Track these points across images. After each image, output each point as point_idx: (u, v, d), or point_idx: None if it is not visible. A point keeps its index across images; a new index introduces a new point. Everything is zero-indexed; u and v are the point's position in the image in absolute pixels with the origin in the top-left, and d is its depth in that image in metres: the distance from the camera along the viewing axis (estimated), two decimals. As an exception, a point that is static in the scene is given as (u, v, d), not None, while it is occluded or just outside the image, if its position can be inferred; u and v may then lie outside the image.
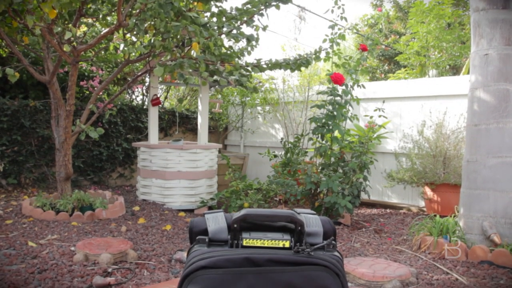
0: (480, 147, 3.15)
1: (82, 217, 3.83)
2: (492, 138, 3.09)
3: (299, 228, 0.98)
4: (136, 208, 4.39)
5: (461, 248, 3.00)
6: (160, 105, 5.49)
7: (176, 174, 4.68)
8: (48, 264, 2.66)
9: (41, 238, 3.24)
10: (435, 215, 3.34)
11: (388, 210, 4.95)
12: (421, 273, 2.71)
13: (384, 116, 4.50)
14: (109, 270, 2.60)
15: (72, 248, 2.97)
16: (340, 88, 4.09)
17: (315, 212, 1.06)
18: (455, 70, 7.76)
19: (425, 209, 4.73)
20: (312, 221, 1.03)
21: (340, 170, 4.14)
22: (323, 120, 4.01)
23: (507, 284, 2.52)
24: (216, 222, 1.01)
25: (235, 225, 0.97)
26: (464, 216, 3.20)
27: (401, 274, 2.49)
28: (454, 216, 3.31)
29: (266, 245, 0.97)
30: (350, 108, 4.15)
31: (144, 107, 6.53)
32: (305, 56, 4.28)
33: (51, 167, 5.49)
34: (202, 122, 5.06)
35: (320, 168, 4.20)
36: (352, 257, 2.85)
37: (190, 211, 4.65)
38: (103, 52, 5.75)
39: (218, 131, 7.27)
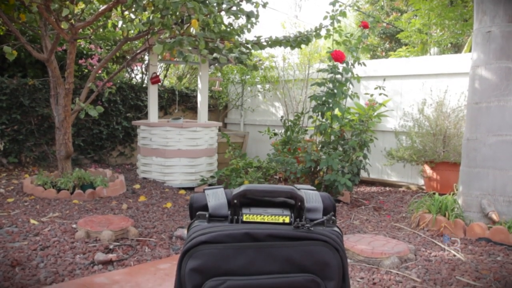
0: (481, 125, 3.14)
1: (83, 195, 3.86)
2: (493, 116, 3.08)
3: (299, 203, 0.99)
4: (137, 186, 4.42)
5: (459, 226, 3.02)
6: (159, 84, 5.46)
7: (176, 152, 4.69)
8: (50, 241, 2.69)
9: (43, 216, 3.27)
10: (434, 193, 3.36)
11: (387, 188, 4.97)
12: (419, 249, 2.74)
13: (384, 94, 4.48)
14: (111, 247, 2.63)
15: (74, 226, 2.99)
16: (340, 66, 4.06)
17: (315, 188, 1.06)
18: (457, 48, 7.70)
19: (424, 187, 4.75)
20: (312, 196, 1.03)
21: (340, 148, 4.15)
22: (323, 98, 3.99)
23: (504, 260, 2.55)
24: (216, 198, 1.01)
25: (235, 201, 0.98)
26: (463, 194, 3.22)
27: (399, 251, 2.52)
28: (453, 194, 3.33)
29: (266, 220, 0.98)
30: (350, 86, 4.13)
31: (144, 85, 6.49)
32: (306, 33, 4.23)
33: (51, 145, 5.50)
34: (202, 100, 5.04)
35: (320, 146, 4.20)
36: (351, 234, 2.87)
37: (191, 189, 4.67)
38: (101, 30, 5.69)
39: (218, 110, 7.25)
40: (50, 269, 2.26)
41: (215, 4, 3.58)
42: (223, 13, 3.76)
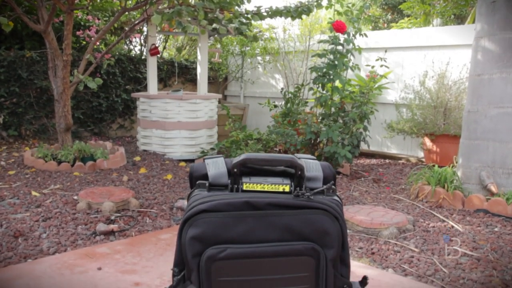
0: (482, 97, 3.12)
1: (83, 167, 3.87)
2: (495, 88, 3.06)
3: (299, 172, 0.99)
4: (137, 158, 4.43)
5: (458, 197, 3.04)
6: (158, 55, 5.40)
7: (176, 124, 4.68)
8: (52, 212, 2.71)
9: (44, 188, 3.29)
10: (433, 165, 3.37)
11: (387, 161, 4.99)
12: (418, 220, 2.77)
13: (386, 66, 4.43)
14: (112, 218, 2.66)
15: (75, 197, 3.01)
16: (342, 37, 4.00)
17: (315, 157, 1.06)
18: (460, 19, 7.58)
19: (423, 159, 4.76)
20: (312, 166, 1.03)
21: (340, 120, 4.14)
22: (324, 70, 3.96)
23: (501, 231, 2.58)
24: (216, 167, 1.01)
25: (235, 170, 0.98)
26: (463, 166, 3.23)
27: (398, 221, 2.54)
28: (453, 167, 3.34)
29: (266, 189, 0.98)
30: (351, 57, 4.08)
31: (143, 57, 6.42)
32: (307, 3, 4.16)
33: (51, 118, 5.49)
34: (202, 72, 4.99)
35: (320, 118, 4.19)
36: (350, 205, 2.90)
37: (191, 161, 4.68)
38: (98, 0, 5.58)
39: (218, 82, 7.20)
40: (52, 240, 2.29)
41: (214, -27, 3.51)
42: (222, -18, 3.69)
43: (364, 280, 1.06)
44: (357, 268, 1.97)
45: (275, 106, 4.80)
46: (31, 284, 1.73)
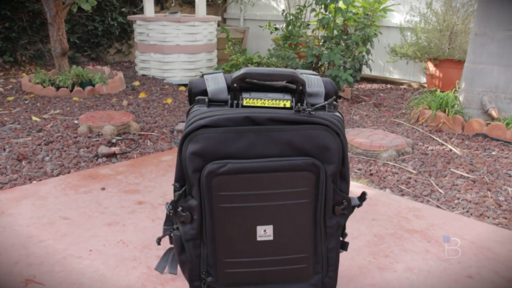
0: (491, 19, 3.01)
1: (82, 92, 3.83)
2: (505, 10, 2.94)
3: (301, 87, 0.97)
4: (136, 83, 4.38)
5: (458, 122, 3.04)
6: (154, -25, 5.14)
7: (175, 48, 4.58)
8: (53, 136, 2.72)
9: (44, 113, 3.28)
10: (435, 90, 3.33)
11: (388, 86, 4.94)
12: (417, 144, 2.79)
13: (392, -14, 4.24)
14: (113, 141, 2.67)
15: (76, 122, 3.02)
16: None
17: (317, 73, 1.04)
18: None
19: (426, 85, 4.71)
20: (313, 81, 1.01)
21: (343, 43, 4.03)
22: (327, -10, 3.78)
23: (498, 155, 2.60)
24: (215, 82, 0.99)
25: (235, 85, 0.96)
26: (465, 90, 3.20)
27: (397, 144, 2.56)
28: (455, 91, 3.30)
29: (266, 105, 0.97)
30: (356, -24, 3.89)
31: (138, -23, 6.13)
32: None
33: (46, 43, 5.35)
34: (200, -6, 4.79)
35: (322, 41, 4.08)
36: (351, 128, 2.90)
37: (191, 86, 4.63)
38: None
39: (217, 4, 6.93)
40: (55, 162, 2.32)
41: None
42: None
43: (363, 196, 1.08)
44: (356, 188, 2.01)
45: (276, 29, 4.66)
46: (37, 204, 1.77)
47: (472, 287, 1.29)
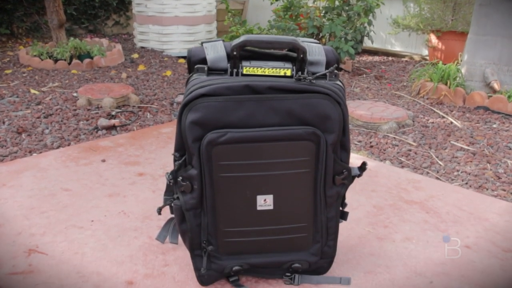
0: (496, -12, 2.95)
1: (81, 65, 3.80)
2: (510, -22, 2.89)
3: (301, 56, 0.95)
4: (135, 55, 4.34)
5: (459, 94, 3.02)
6: None
7: (174, 19, 4.51)
8: (52, 109, 2.71)
9: (43, 86, 3.25)
10: (437, 63, 3.30)
11: (390, 58, 4.89)
12: (418, 116, 2.78)
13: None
14: (113, 113, 2.66)
15: (75, 94, 3.00)
16: None
17: (318, 41, 1.02)
18: None
19: (427, 57, 4.66)
20: (314, 49, 0.99)
21: (344, 14, 3.97)
22: (329, -41, 3.70)
23: (499, 128, 2.60)
24: (215, 50, 0.97)
25: (235, 53, 0.94)
26: (467, 62, 3.16)
27: (398, 116, 2.55)
28: (457, 64, 3.27)
29: (266, 73, 0.95)
30: None
31: None
32: None
33: (43, 15, 5.27)
34: (198, -37, 4.69)
35: (323, 11, 4.02)
36: (351, 100, 2.89)
37: (190, 58, 4.58)
38: None
39: (216, -25, 6.79)
40: (55, 135, 2.31)
41: None
42: None
43: (363, 166, 1.08)
44: (356, 160, 2.02)
45: (277, -1, 4.57)
46: (38, 176, 1.78)
47: (470, 256, 1.31)
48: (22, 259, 1.24)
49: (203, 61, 0.98)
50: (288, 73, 0.96)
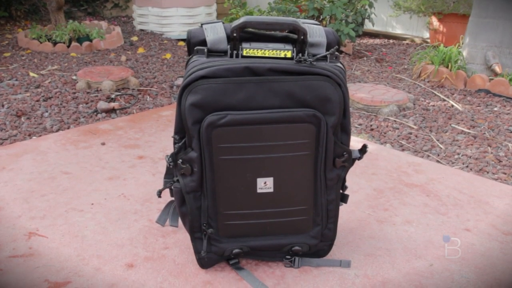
0: (499, -31, 2.91)
1: (80, 48, 3.77)
2: (514, -41, 2.84)
3: (302, 37, 0.94)
4: (135, 38, 4.30)
5: (460, 77, 3.00)
6: None
7: (173, 1, 4.46)
8: (52, 92, 2.70)
9: (42, 69, 3.23)
10: (439, 45, 3.27)
11: (391, 41, 4.85)
12: (418, 99, 2.76)
13: None
14: (112, 96, 2.65)
15: (74, 77, 2.98)
16: None
17: (319, 23, 1.00)
18: None
19: (429, 40, 4.62)
20: (315, 31, 0.98)
21: (345, -3, 3.91)
22: None
23: (500, 111, 2.58)
24: (214, 32, 0.96)
25: (235, 34, 0.93)
26: (469, 45, 3.13)
27: (398, 99, 2.54)
28: (458, 46, 3.24)
29: (267, 55, 0.94)
30: None
31: None
32: None
33: (41, -3, 5.21)
34: None
35: (324, -6, 3.96)
36: (352, 83, 2.87)
37: (189, 41, 4.55)
38: None
39: (216, -44, 6.69)
40: (55, 118, 2.31)
41: None
42: None
43: (363, 148, 1.08)
44: (356, 143, 2.01)
45: (277, -19, 4.51)
46: (38, 159, 1.77)
47: (470, 239, 1.31)
48: (22, 242, 1.25)
49: (203, 42, 0.97)
50: (289, 55, 0.94)
